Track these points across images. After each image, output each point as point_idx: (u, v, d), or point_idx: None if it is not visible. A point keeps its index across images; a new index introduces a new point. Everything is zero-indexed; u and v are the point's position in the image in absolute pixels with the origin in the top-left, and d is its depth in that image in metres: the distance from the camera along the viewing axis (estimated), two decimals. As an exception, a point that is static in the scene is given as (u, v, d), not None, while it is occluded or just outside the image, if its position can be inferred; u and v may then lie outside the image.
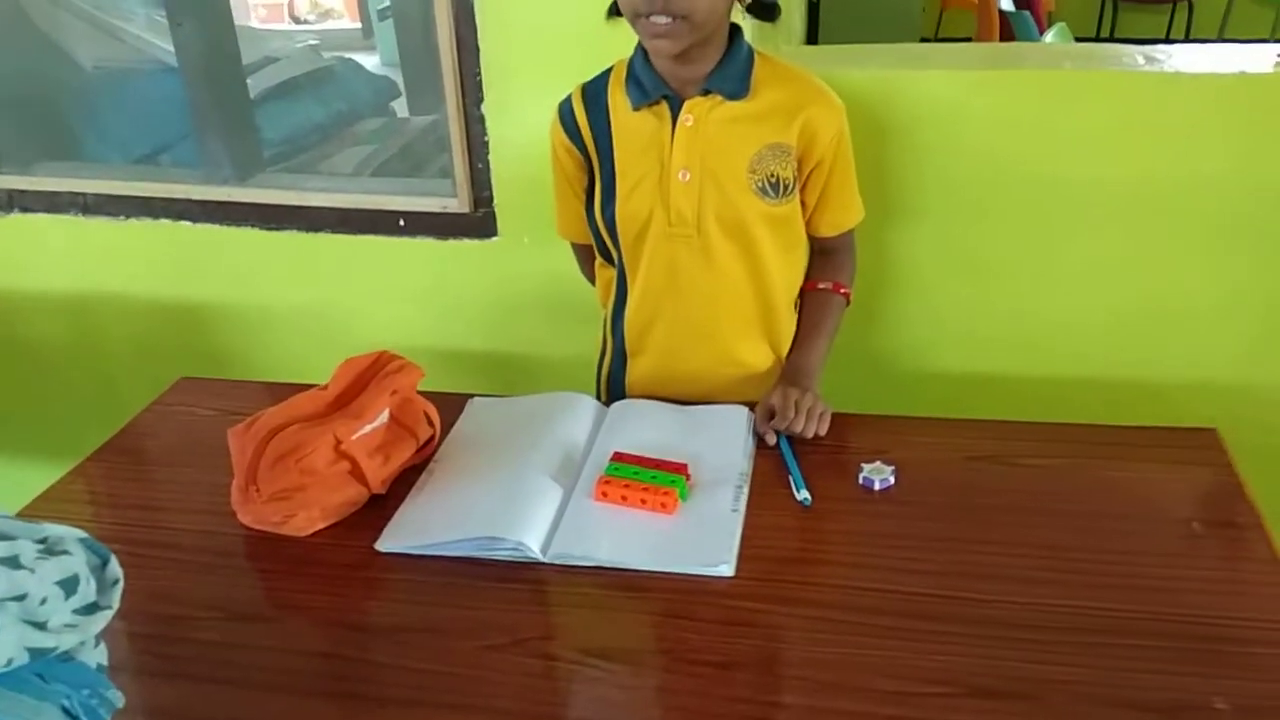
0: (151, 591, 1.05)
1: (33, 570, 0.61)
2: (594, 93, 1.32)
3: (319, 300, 1.91)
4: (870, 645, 0.94)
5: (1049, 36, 3.23)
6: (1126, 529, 1.08)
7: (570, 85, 1.33)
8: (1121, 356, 1.62)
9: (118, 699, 0.76)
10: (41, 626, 0.62)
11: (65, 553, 0.67)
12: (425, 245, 1.80)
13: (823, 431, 1.23)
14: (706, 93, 1.25)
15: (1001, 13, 4.03)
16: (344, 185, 1.83)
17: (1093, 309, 1.60)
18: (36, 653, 0.61)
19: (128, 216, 1.91)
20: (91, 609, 0.69)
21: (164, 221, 1.90)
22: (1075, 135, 1.48)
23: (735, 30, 1.26)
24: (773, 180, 1.27)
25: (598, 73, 1.33)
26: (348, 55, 2.49)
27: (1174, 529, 1.07)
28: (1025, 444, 1.23)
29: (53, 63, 1.98)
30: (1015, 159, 1.51)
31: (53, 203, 1.92)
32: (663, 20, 1.14)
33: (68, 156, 1.98)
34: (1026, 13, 3.65)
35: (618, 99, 1.29)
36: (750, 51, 1.27)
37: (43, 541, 0.68)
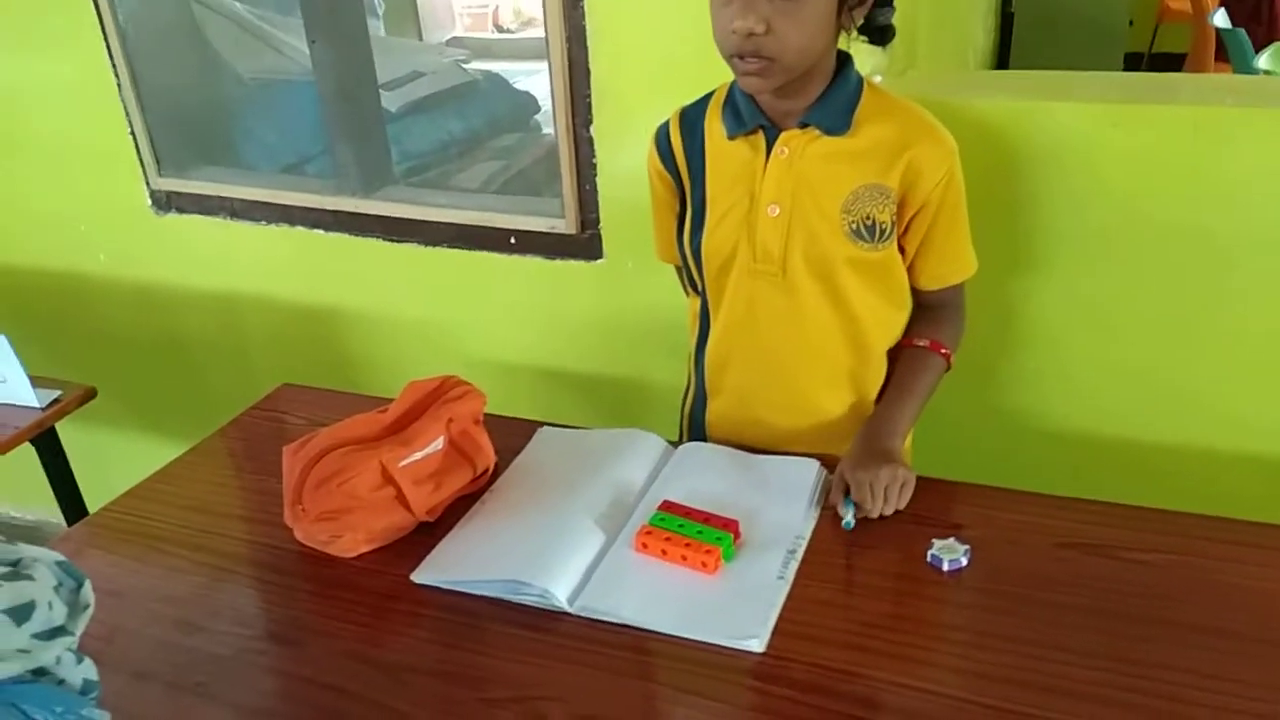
0: (188, 599, 1.09)
1: (-22, 596, 0.62)
2: (692, 118, 1.26)
3: (434, 312, 1.95)
4: (894, 756, 0.84)
5: (1263, 58, 2.89)
6: (1236, 650, 0.92)
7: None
8: (1270, 433, 1.41)
9: (101, 718, 0.77)
10: (-14, 652, 0.63)
11: (28, 578, 0.67)
12: (534, 264, 1.79)
13: (901, 505, 1.12)
14: (804, 126, 1.16)
15: (1217, 30, 3.67)
16: (460, 201, 1.85)
17: (1245, 376, 1.40)
18: (-31, 678, 0.62)
19: (269, 222, 2.00)
20: (54, 634, 0.69)
21: (300, 229, 1.98)
22: (1232, 181, 1.30)
23: (845, 59, 1.17)
24: (868, 223, 1.17)
25: (699, 97, 1.27)
26: (538, 64, 2.53)
27: (1289, 658, 0.90)
28: (1131, 533, 1.07)
29: (214, 72, 2.11)
30: (1160, 205, 1.34)
31: (204, 206, 2.05)
32: (753, 63, 1.07)
33: (223, 162, 2.10)
34: (1241, 30, 3.30)
35: (714, 125, 1.23)
36: (858, 83, 1.18)
37: (14, 564, 0.69)
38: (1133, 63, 5.16)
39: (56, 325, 2.33)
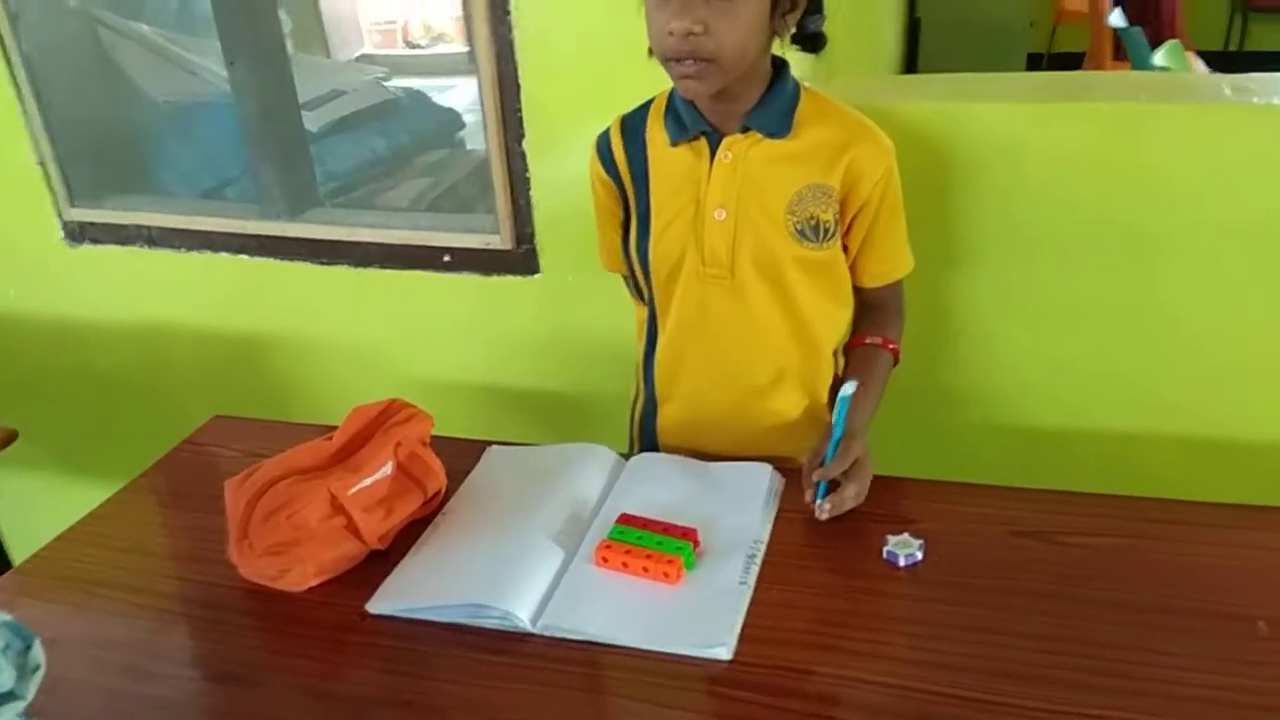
0: (132, 644, 1.04)
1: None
2: (633, 126, 1.27)
3: (368, 334, 1.91)
4: (869, 754, 0.85)
5: (1159, 55, 3.02)
6: (1181, 625, 0.95)
7: (611, 122, 1.28)
8: (1205, 414, 1.47)
9: (50, 780, 0.74)
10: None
11: (-24, 640, 0.64)
12: (470, 281, 1.77)
13: (851, 506, 1.13)
14: (746, 130, 1.18)
15: (1114, 29, 3.81)
16: (391, 221, 1.82)
17: (1171, 361, 1.46)
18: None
19: (189, 249, 1.95)
20: (3, 700, 0.66)
21: (223, 255, 1.93)
22: (1148, 173, 1.35)
23: (782, 65, 1.19)
24: (812, 223, 1.19)
25: (638, 105, 1.27)
26: (450, 80, 2.52)
27: (1233, 628, 0.94)
28: (1077, 519, 1.11)
29: (125, 96, 2.04)
30: (1081, 200, 1.39)
31: (120, 235, 1.98)
32: (690, 65, 1.08)
33: (138, 189, 2.04)
34: (1137, 29, 3.44)
35: (656, 133, 1.24)
36: (795, 87, 1.20)
37: (-42, 624, 0.65)
38: (1034, 63, 5.35)
39: (-33, 367, 2.22)
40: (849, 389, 1.10)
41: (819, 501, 1.11)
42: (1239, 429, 1.47)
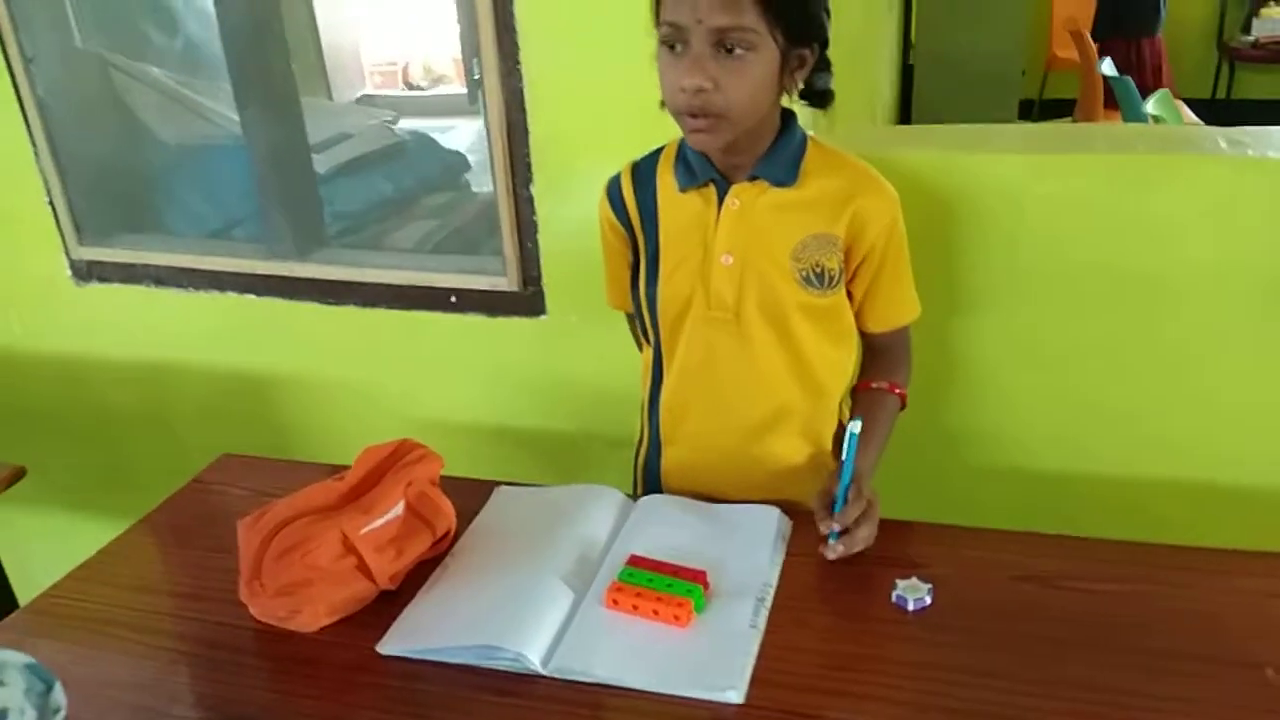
0: (145, 684, 1.04)
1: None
2: (644, 171, 1.29)
3: (374, 374, 1.92)
4: (880, 799, 0.85)
5: (1150, 104, 3.09)
6: (1191, 671, 0.96)
7: (619, 168, 1.31)
8: (1207, 457, 1.49)
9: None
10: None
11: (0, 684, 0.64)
12: (476, 322, 1.79)
13: (859, 548, 1.14)
14: (753, 178, 1.21)
15: (1105, 77, 3.89)
16: (398, 261, 1.84)
17: (1174, 405, 1.48)
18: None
19: (197, 289, 1.96)
20: (26, 738, 0.66)
21: (231, 294, 1.95)
22: (1148, 223, 1.38)
23: (789, 116, 1.22)
24: (817, 270, 1.21)
25: (649, 152, 1.30)
26: (450, 121, 2.56)
27: (1242, 676, 0.94)
28: (1083, 564, 1.11)
29: (136, 137, 2.07)
30: (1083, 247, 1.42)
31: (128, 274, 1.99)
32: (701, 120, 1.11)
33: (148, 229, 2.06)
34: (1128, 78, 3.51)
35: (666, 179, 1.26)
36: (803, 138, 1.23)
37: (-18, 667, 0.66)
38: (1025, 109, 5.44)
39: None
40: (856, 426, 1.11)
41: (831, 543, 1.12)
42: (1242, 473, 1.49)
